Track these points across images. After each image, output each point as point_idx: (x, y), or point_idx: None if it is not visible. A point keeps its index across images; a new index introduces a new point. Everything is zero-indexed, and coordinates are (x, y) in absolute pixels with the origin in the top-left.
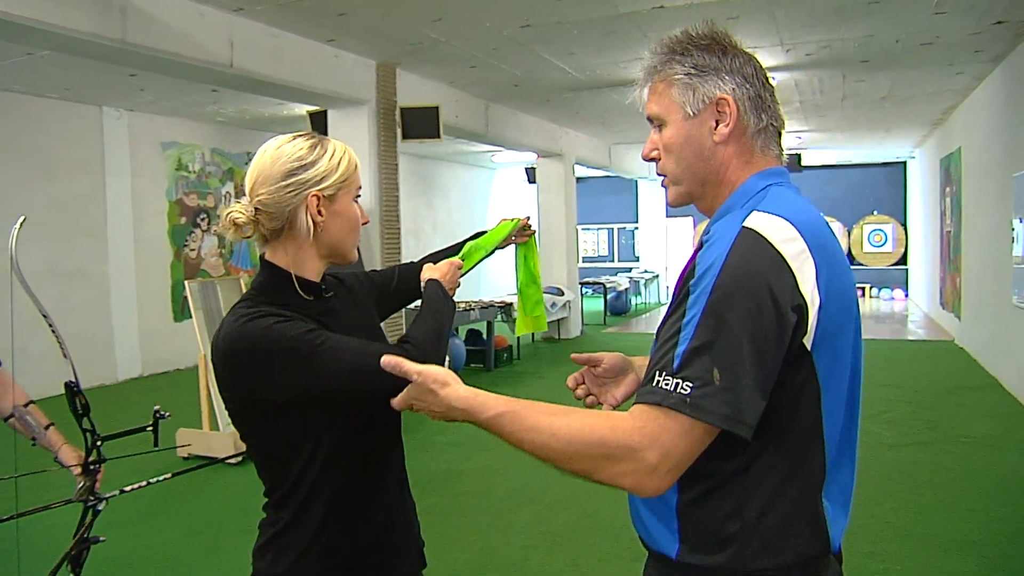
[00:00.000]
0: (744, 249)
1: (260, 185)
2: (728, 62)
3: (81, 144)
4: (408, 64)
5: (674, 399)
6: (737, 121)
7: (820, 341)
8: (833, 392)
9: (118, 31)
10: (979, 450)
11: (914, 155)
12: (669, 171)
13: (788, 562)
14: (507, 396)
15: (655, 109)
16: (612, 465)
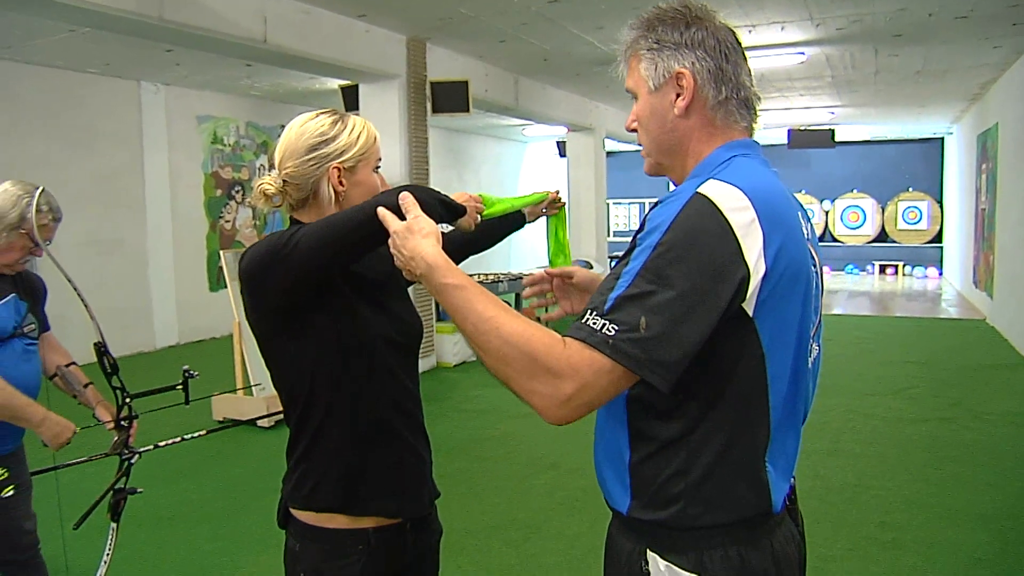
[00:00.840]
0: (692, 212)
1: (287, 159)
2: (690, 35)
3: (120, 118)
4: (438, 39)
5: (597, 338)
6: (695, 94)
7: (763, 309)
8: (778, 360)
9: (156, 9)
10: (1000, 427)
11: (951, 131)
12: (642, 142)
13: (730, 520)
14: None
15: (629, 83)
16: (531, 381)
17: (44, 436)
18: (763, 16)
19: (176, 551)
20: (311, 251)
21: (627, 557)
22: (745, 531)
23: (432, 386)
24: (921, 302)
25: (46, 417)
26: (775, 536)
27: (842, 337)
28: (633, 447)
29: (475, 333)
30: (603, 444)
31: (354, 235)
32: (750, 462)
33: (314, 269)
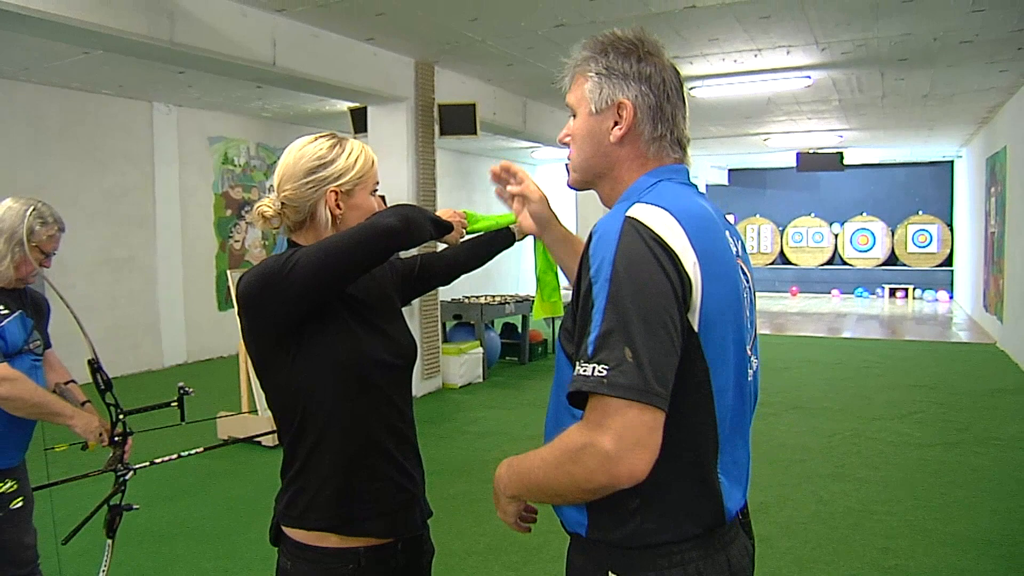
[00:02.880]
0: (630, 238)
1: (285, 181)
2: (639, 69)
3: (132, 138)
4: (446, 62)
5: (592, 382)
6: (632, 126)
7: (704, 325)
8: (721, 373)
9: (167, 32)
10: (1008, 452)
11: (961, 154)
12: (572, 157)
13: (687, 534)
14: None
15: (570, 99)
16: (581, 466)
17: (78, 429)
18: (768, 40)
19: (177, 569)
20: (307, 274)
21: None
22: (701, 546)
23: (437, 407)
24: (931, 326)
25: (76, 412)
26: (730, 550)
27: (851, 361)
28: None
29: (536, 481)
30: None
31: (350, 257)
32: (702, 472)
33: (310, 291)
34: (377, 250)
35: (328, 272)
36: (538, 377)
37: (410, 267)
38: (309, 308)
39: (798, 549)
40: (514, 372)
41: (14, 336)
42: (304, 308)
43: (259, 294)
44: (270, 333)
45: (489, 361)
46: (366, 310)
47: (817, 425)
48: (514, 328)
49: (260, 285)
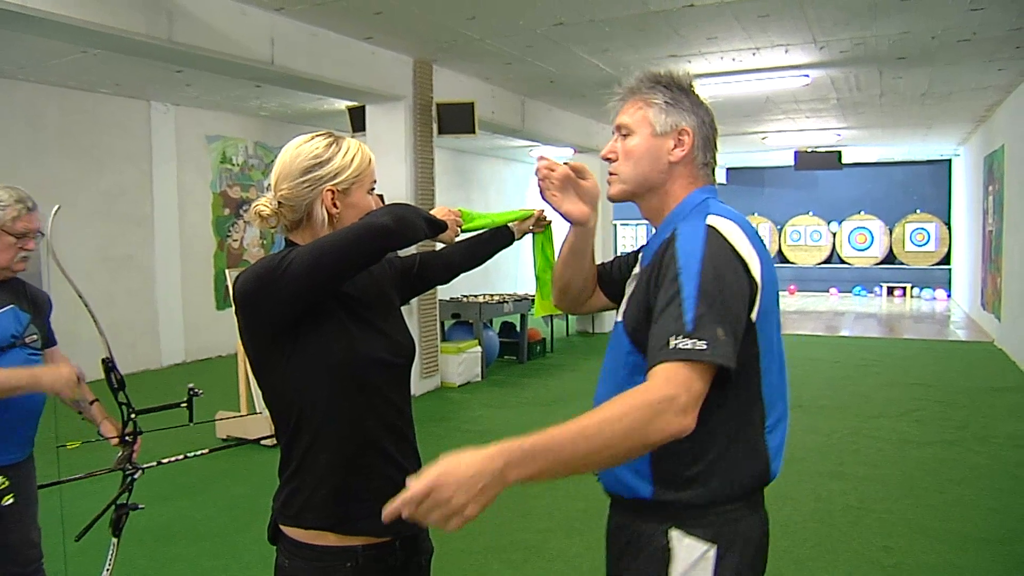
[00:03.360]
0: (716, 244)
1: (282, 180)
2: (694, 106)
3: (130, 137)
4: (444, 61)
5: (695, 353)
6: (690, 150)
7: (760, 318)
8: (768, 355)
9: (165, 31)
10: (1006, 450)
11: (959, 152)
12: (622, 172)
13: (740, 493)
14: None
15: (627, 121)
16: (659, 418)
17: (46, 387)
18: (767, 39)
19: (176, 568)
20: (301, 273)
21: (648, 539)
22: (750, 504)
23: (436, 406)
24: (929, 324)
25: (34, 373)
26: (763, 509)
27: (849, 359)
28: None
29: (596, 445)
30: None
31: (343, 257)
32: (753, 438)
33: (305, 290)
34: (370, 249)
35: (322, 271)
36: (537, 376)
37: (409, 266)
38: (304, 307)
39: (797, 548)
40: (513, 371)
41: (3, 329)
42: (299, 307)
43: (254, 293)
44: (266, 332)
45: (488, 360)
46: (363, 309)
47: (815, 423)
48: (513, 327)
49: (255, 284)
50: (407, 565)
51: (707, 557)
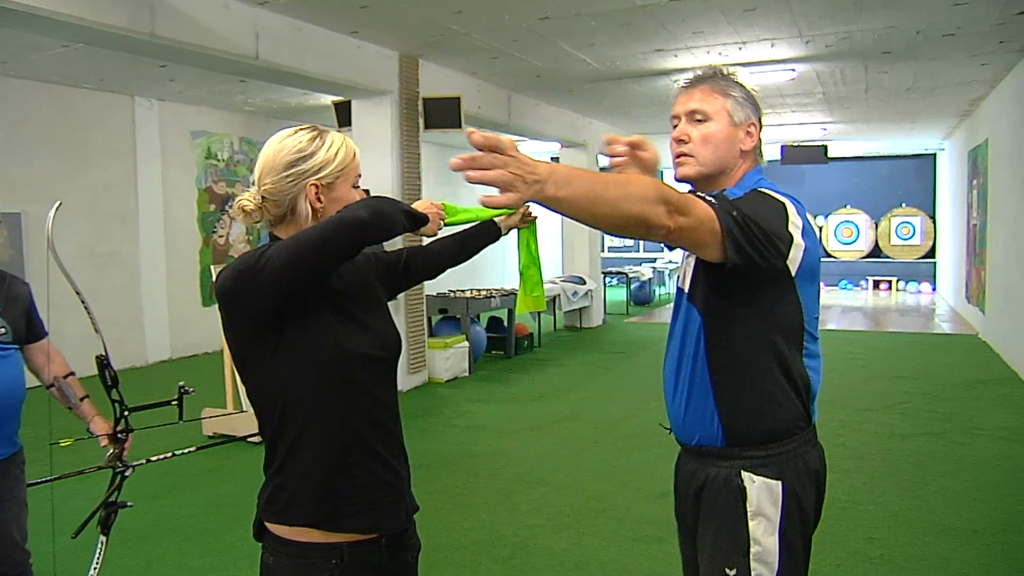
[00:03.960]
0: (758, 195)
1: (265, 175)
2: (757, 105)
3: (114, 133)
4: (430, 55)
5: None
6: (756, 141)
7: (800, 275)
8: (809, 314)
9: (147, 25)
10: (992, 442)
11: (943, 147)
12: (699, 154)
13: (793, 431)
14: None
15: (705, 108)
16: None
17: None
18: (753, 33)
19: (164, 567)
20: (279, 268)
21: (723, 482)
22: (805, 439)
23: (423, 401)
24: (914, 317)
25: None
26: (818, 445)
27: (835, 352)
28: (718, 398)
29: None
30: (692, 404)
31: (321, 251)
32: (797, 383)
33: (285, 284)
34: (348, 243)
35: (299, 266)
36: (524, 371)
37: (395, 261)
38: (284, 301)
39: None
40: (500, 366)
41: None
42: (279, 301)
43: (234, 289)
44: (248, 327)
45: (475, 355)
46: (349, 303)
47: None
48: (500, 322)
49: (235, 280)
50: (393, 562)
51: (775, 492)
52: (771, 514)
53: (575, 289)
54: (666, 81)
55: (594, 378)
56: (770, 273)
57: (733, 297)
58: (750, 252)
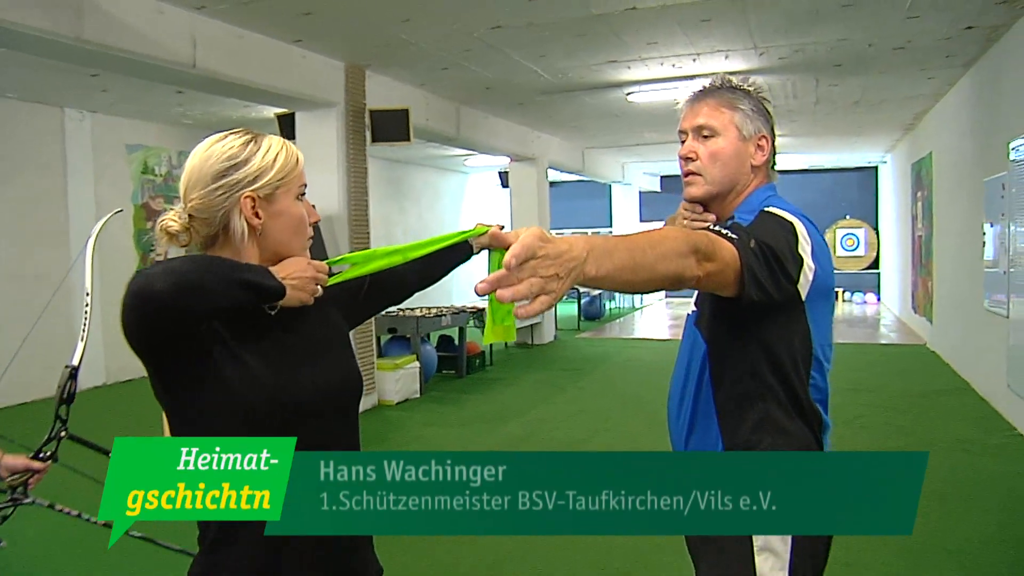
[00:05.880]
0: (767, 217)
1: (192, 189)
2: (769, 116)
3: (42, 146)
4: (377, 66)
5: (726, 236)
6: (768, 155)
7: (810, 299)
8: (819, 338)
9: (74, 28)
10: (954, 456)
11: (885, 160)
12: (708, 173)
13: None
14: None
15: (712, 122)
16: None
17: None
18: (708, 45)
19: None
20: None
21: None
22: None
23: (373, 426)
24: (861, 328)
25: None
26: None
27: None
28: (722, 427)
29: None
30: (695, 431)
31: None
32: (807, 414)
33: (170, 320)
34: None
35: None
36: (477, 391)
37: (357, 286)
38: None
39: None
40: (452, 386)
41: None
42: (167, 340)
43: (124, 318)
44: (154, 371)
45: (426, 375)
46: (294, 342)
47: None
48: (451, 341)
49: (123, 306)
50: None
51: None
52: (779, 550)
53: None
54: (618, 94)
55: (549, 397)
56: (779, 300)
57: (739, 326)
58: (769, 289)
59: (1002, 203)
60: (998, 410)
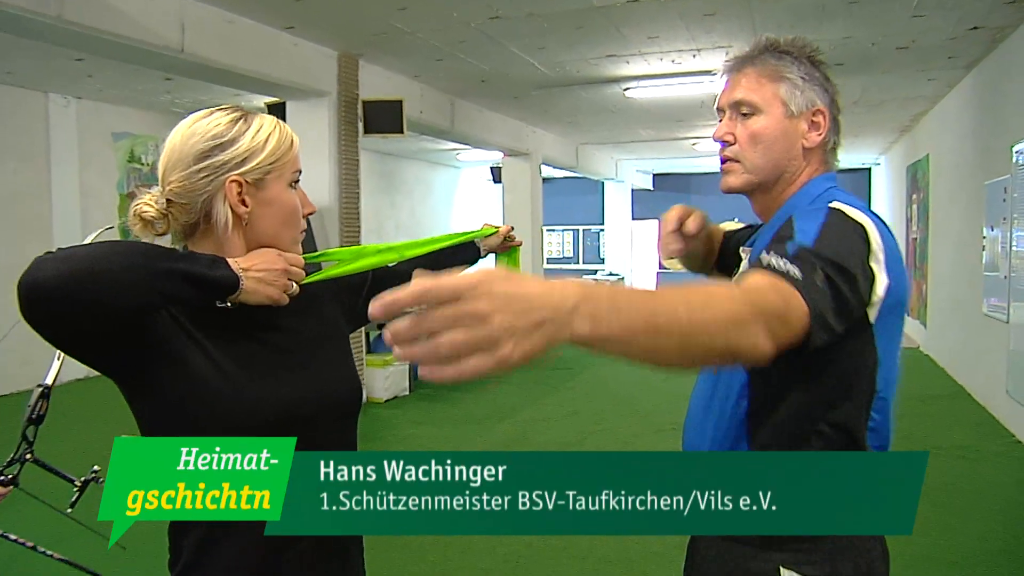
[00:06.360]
0: (836, 220)
1: (171, 170)
2: (827, 83)
3: (25, 132)
4: (371, 55)
5: (788, 277)
6: (826, 134)
7: (880, 319)
8: (887, 368)
9: (54, 7)
10: (953, 462)
11: (879, 162)
12: (747, 158)
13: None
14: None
15: (752, 97)
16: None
17: None
18: (709, 40)
19: None
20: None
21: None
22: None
23: (362, 425)
24: None
25: None
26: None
27: None
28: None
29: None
30: None
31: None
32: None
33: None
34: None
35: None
36: (467, 390)
37: (358, 284)
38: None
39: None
40: (442, 384)
41: None
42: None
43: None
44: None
45: (415, 372)
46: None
47: None
48: None
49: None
50: None
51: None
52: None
53: None
54: (616, 89)
55: (541, 397)
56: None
57: (792, 360)
58: (837, 327)
59: (1004, 207)
60: (996, 416)
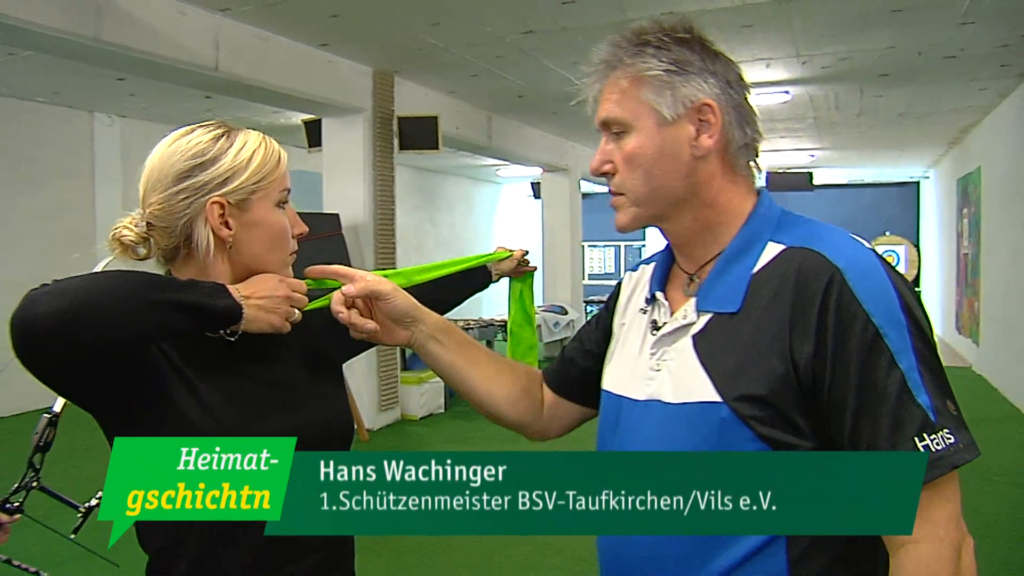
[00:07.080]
0: (900, 279)
1: (151, 192)
2: (711, 63)
3: (70, 151)
4: (406, 72)
5: (957, 457)
6: (722, 133)
7: None
8: None
9: (92, 28)
10: (1010, 489)
11: (928, 175)
12: (629, 188)
13: None
14: None
15: (616, 112)
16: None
17: None
18: (749, 52)
19: None
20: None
21: None
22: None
23: (395, 441)
24: None
25: None
26: None
27: None
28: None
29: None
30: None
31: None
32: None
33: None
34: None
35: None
36: None
37: None
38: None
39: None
40: None
41: None
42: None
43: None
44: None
45: (451, 390)
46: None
47: None
48: None
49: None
50: None
51: None
52: None
53: (556, 319)
54: None
55: None
56: None
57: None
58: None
59: None
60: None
